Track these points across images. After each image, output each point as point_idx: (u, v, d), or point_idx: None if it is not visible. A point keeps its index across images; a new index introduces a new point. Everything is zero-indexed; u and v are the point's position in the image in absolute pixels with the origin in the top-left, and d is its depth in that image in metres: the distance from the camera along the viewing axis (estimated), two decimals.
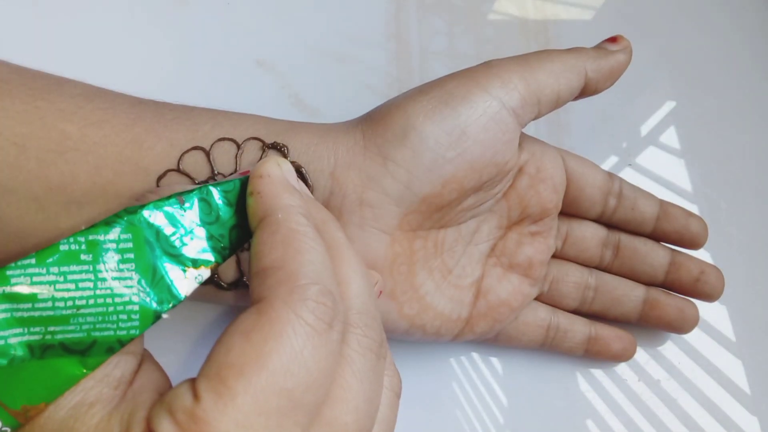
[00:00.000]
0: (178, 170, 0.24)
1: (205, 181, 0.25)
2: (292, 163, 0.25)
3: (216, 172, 0.25)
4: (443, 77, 0.27)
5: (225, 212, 0.21)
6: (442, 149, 0.26)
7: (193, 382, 0.17)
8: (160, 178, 0.24)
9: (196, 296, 0.26)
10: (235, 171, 0.25)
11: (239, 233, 0.22)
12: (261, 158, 0.25)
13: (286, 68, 0.38)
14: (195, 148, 0.25)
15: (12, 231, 0.22)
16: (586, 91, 0.29)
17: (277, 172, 0.21)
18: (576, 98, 0.29)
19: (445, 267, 0.29)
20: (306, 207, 0.21)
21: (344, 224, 0.26)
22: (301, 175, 0.25)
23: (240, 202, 0.22)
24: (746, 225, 0.38)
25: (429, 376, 0.33)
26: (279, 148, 0.26)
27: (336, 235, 0.22)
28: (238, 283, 0.26)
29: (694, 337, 0.35)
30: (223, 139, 0.25)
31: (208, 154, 0.25)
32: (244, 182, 0.22)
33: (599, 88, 0.29)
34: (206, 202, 0.21)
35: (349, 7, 0.40)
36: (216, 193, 0.21)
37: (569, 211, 0.32)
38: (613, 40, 0.30)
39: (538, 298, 0.33)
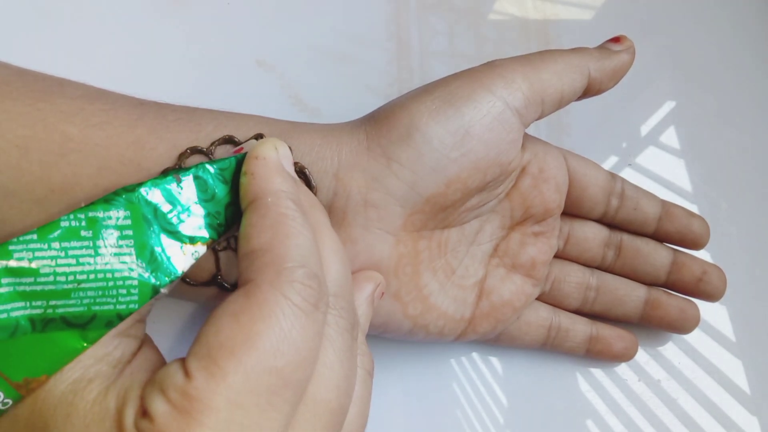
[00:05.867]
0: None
1: None
2: (296, 164, 0.25)
3: None
4: (447, 77, 0.27)
5: (221, 190, 0.22)
6: (446, 149, 0.26)
7: (183, 362, 0.18)
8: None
9: (190, 297, 0.27)
10: None
11: (234, 210, 0.22)
12: None
13: (286, 68, 0.38)
14: (194, 149, 0.24)
15: (14, 233, 0.22)
16: (589, 90, 0.29)
17: (272, 155, 0.22)
18: (579, 98, 0.29)
19: (448, 267, 0.29)
20: (296, 192, 0.21)
21: (348, 225, 0.26)
22: (304, 176, 0.25)
23: (235, 179, 0.22)
24: (746, 225, 0.38)
25: (429, 376, 0.33)
26: None
27: (319, 219, 0.22)
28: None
29: (695, 337, 0.35)
30: (226, 139, 0.25)
31: (207, 155, 0.25)
32: (240, 160, 0.22)
33: (602, 88, 0.29)
34: (202, 180, 0.21)
35: (349, 7, 0.40)
36: (212, 171, 0.22)
37: (571, 212, 0.32)
38: (616, 40, 0.30)
39: (539, 298, 0.33)
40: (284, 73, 0.37)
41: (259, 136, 0.25)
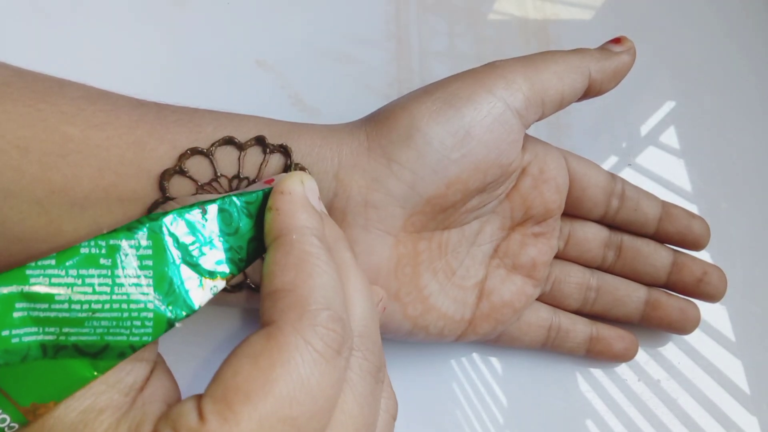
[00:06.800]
0: (180, 172, 0.24)
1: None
2: (296, 164, 0.25)
3: (219, 174, 0.25)
4: (447, 78, 0.27)
5: (245, 224, 0.21)
6: (446, 150, 0.26)
7: (198, 401, 0.17)
8: (161, 178, 0.24)
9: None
10: (238, 173, 0.25)
11: (256, 246, 0.22)
12: (264, 160, 0.25)
13: (286, 68, 0.38)
14: (194, 150, 0.24)
15: (14, 234, 0.22)
16: (590, 91, 0.29)
17: (298, 189, 0.21)
18: (580, 99, 0.29)
19: (449, 268, 0.29)
20: (321, 228, 0.21)
21: (348, 226, 0.26)
22: None
23: (260, 213, 0.22)
24: (746, 225, 0.38)
25: (429, 376, 0.33)
26: (282, 150, 0.25)
27: (344, 255, 0.22)
28: (242, 285, 0.26)
29: (694, 337, 0.35)
30: (226, 140, 0.25)
31: (207, 155, 0.25)
32: (267, 193, 0.22)
33: (603, 89, 0.29)
34: (227, 213, 0.21)
35: (349, 7, 0.40)
36: (238, 204, 0.21)
37: (572, 212, 0.32)
38: (616, 41, 0.30)
39: (539, 299, 0.33)
40: (284, 73, 0.37)
41: (260, 138, 0.25)
